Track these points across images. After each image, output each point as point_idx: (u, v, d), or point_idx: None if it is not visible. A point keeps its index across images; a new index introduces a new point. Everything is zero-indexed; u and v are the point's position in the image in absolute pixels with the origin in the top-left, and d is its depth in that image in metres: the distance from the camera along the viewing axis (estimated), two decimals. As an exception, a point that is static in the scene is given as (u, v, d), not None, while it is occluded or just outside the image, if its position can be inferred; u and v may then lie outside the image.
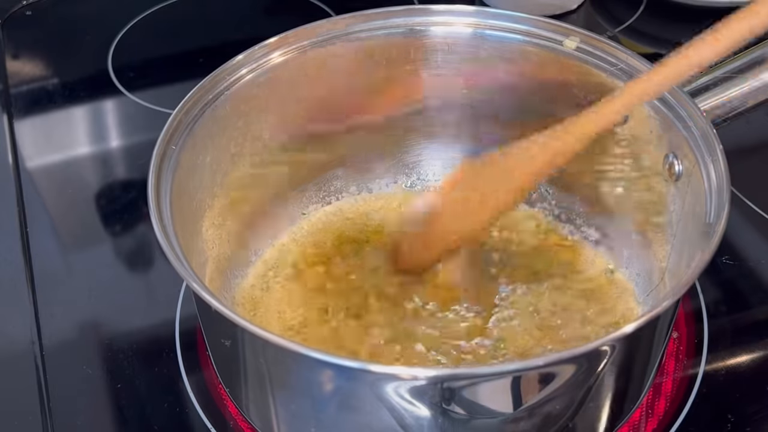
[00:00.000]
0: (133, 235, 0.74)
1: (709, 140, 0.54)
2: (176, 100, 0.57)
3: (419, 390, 0.46)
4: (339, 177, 0.70)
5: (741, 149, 0.79)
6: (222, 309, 0.46)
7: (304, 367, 0.48)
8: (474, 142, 0.70)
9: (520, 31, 0.64)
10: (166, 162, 0.55)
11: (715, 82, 0.58)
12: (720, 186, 0.52)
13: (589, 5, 0.98)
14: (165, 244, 0.49)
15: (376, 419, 0.48)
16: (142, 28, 0.98)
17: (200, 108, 0.58)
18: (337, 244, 0.67)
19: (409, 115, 0.69)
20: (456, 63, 0.66)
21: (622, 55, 0.60)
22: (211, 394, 0.60)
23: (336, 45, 0.64)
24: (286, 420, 0.53)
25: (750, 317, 0.66)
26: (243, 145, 0.63)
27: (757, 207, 0.73)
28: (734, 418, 0.58)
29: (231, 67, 0.60)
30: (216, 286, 0.61)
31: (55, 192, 0.79)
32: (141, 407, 0.60)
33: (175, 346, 0.64)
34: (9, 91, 0.90)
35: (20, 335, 0.65)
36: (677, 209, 0.58)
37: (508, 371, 0.46)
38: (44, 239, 0.73)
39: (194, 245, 0.57)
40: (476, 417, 0.48)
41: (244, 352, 0.51)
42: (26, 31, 0.99)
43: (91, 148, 0.85)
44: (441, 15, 0.65)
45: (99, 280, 0.69)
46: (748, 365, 0.62)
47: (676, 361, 0.62)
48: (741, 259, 0.69)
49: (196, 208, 0.58)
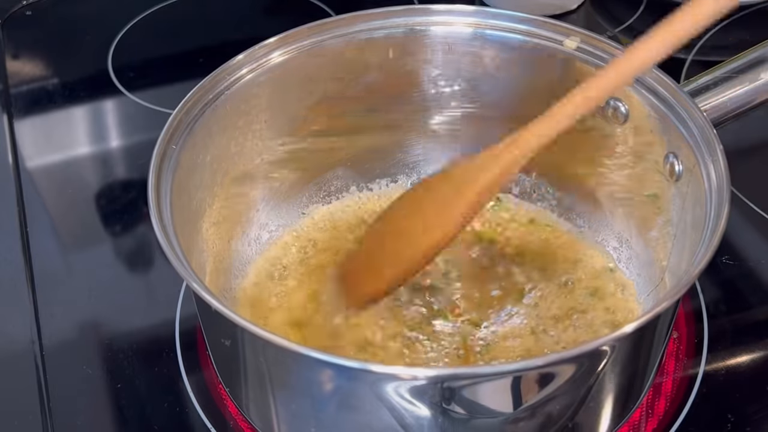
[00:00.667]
0: (133, 235, 0.74)
1: (709, 140, 0.54)
2: (176, 100, 0.57)
3: (419, 390, 0.46)
4: (339, 176, 0.70)
5: (741, 149, 0.79)
6: (222, 309, 0.46)
7: (304, 367, 0.48)
8: (474, 142, 0.70)
9: (521, 31, 0.64)
10: (167, 161, 0.55)
11: (715, 82, 0.58)
12: (720, 186, 0.52)
13: (589, 5, 0.98)
14: (165, 243, 0.49)
15: (376, 419, 0.48)
16: (142, 28, 0.98)
17: (200, 107, 0.58)
18: (338, 244, 0.67)
19: (410, 115, 0.69)
20: (456, 63, 0.66)
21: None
22: (211, 394, 0.60)
23: (336, 45, 0.64)
24: (286, 420, 0.53)
25: (750, 317, 0.66)
26: (243, 145, 0.63)
27: (757, 207, 0.73)
28: (734, 418, 0.58)
29: (231, 66, 0.60)
30: (216, 285, 0.61)
31: (55, 192, 0.79)
32: (141, 407, 0.60)
33: (175, 346, 0.64)
34: (9, 91, 0.90)
35: (20, 335, 0.65)
36: (677, 209, 0.58)
37: (508, 371, 0.46)
38: (44, 239, 0.73)
39: (194, 245, 0.57)
40: (476, 417, 0.48)
41: (244, 351, 0.51)
42: (26, 31, 0.99)
43: (91, 148, 0.85)
44: (441, 15, 0.65)
45: (99, 280, 0.69)
46: (748, 365, 0.62)
47: (676, 361, 0.62)
48: (741, 259, 0.69)
49: (196, 207, 0.58)
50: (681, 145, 0.56)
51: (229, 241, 0.63)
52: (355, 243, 0.67)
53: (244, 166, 0.64)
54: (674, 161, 0.57)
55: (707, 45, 0.88)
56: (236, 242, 0.64)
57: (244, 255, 0.65)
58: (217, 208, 0.61)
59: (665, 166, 0.58)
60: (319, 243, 0.67)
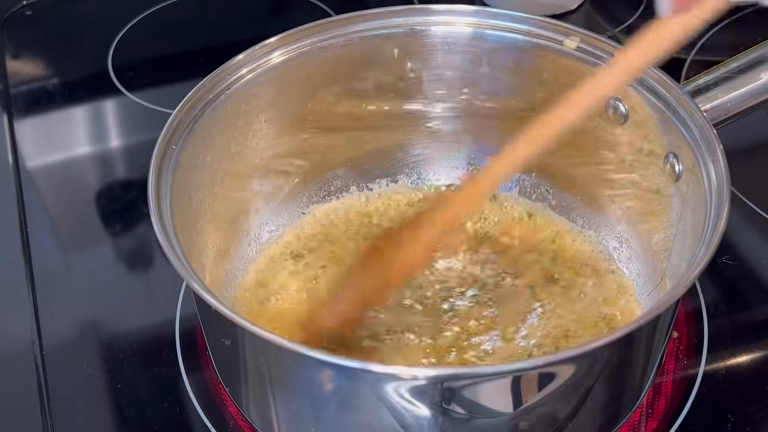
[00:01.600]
0: (133, 234, 0.74)
1: (709, 140, 0.54)
2: (176, 100, 0.57)
3: (419, 390, 0.46)
4: (339, 176, 0.70)
5: (741, 149, 0.79)
6: (222, 309, 0.46)
7: (304, 367, 0.48)
8: (474, 142, 0.70)
9: (521, 30, 0.64)
10: (167, 161, 0.55)
11: (715, 82, 0.58)
12: (720, 186, 0.52)
13: (589, 5, 0.98)
14: (165, 243, 0.49)
15: (376, 419, 0.48)
16: (142, 28, 0.98)
17: (201, 107, 0.58)
18: (337, 244, 0.67)
19: (410, 115, 0.69)
20: (456, 63, 0.66)
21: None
22: (211, 394, 0.60)
23: (336, 45, 0.64)
24: (286, 419, 0.53)
25: (750, 317, 0.66)
26: (243, 145, 0.63)
27: (757, 207, 0.73)
28: (734, 418, 0.58)
29: (231, 66, 0.60)
30: (216, 285, 0.61)
31: (55, 192, 0.79)
32: (141, 407, 0.60)
33: (175, 345, 0.64)
34: (9, 91, 0.90)
35: (20, 335, 0.65)
36: (677, 209, 0.58)
37: (508, 371, 0.46)
38: (44, 239, 0.73)
39: (194, 244, 0.57)
40: (476, 417, 0.48)
41: (244, 351, 0.51)
42: (26, 31, 0.99)
43: (91, 148, 0.85)
44: (441, 15, 0.65)
45: (99, 280, 0.69)
46: (748, 365, 0.62)
47: (676, 361, 0.62)
48: (741, 259, 0.69)
49: (196, 207, 0.58)
50: (681, 145, 0.56)
51: (230, 240, 0.63)
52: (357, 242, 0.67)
53: (245, 166, 0.64)
54: (674, 161, 0.57)
55: (707, 45, 0.88)
56: (236, 242, 0.64)
57: (245, 255, 0.65)
58: (218, 208, 0.61)
59: (665, 166, 0.58)
60: (319, 243, 0.67)
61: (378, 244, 0.60)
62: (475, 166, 0.70)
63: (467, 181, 0.57)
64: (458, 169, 0.71)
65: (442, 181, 0.71)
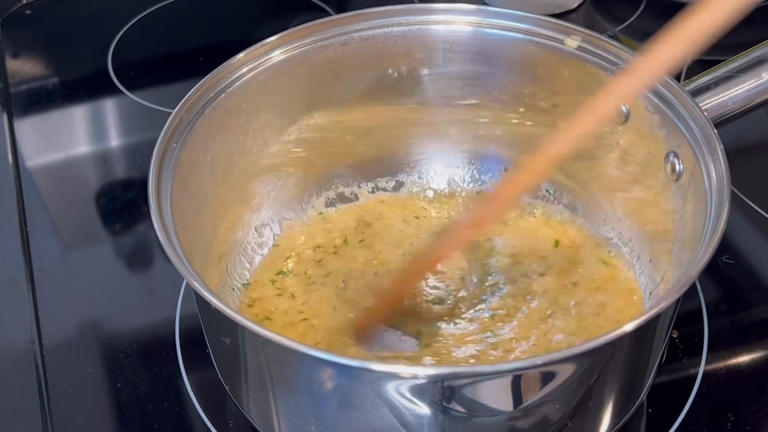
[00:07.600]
0: (133, 234, 0.74)
1: (710, 140, 0.54)
2: (176, 99, 0.57)
3: (420, 388, 0.46)
4: (340, 176, 0.70)
5: (741, 149, 0.79)
6: (222, 307, 0.46)
7: (304, 366, 0.48)
8: (475, 141, 0.70)
9: (521, 30, 0.64)
10: (167, 160, 0.55)
11: (715, 81, 0.58)
12: (720, 185, 0.52)
13: (590, 4, 0.98)
14: (165, 242, 0.49)
15: (376, 417, 0.48)
16: (142, 27, 0.98)
17: (201, 106, 0.58)
18: (337, 243, 0.67)
19: (410, 114, 0.69)
20: (457, 62, 0.66)
21: (623, 54, 0.60)
22: (212, 393, 0.60)
23: (336, 44, 0.64)
24: (286, 418, 0.53)
25: (750, 317, 0.66)
26: (244, 144, 0.63)
27: (757, 207, 0.73)
28: (734, 417, 0.58)
29: (232, 65, 0.60)
30: (216, 284, 0.61)
31: (55, 192, 0.79)
32: (141, 406, 0.60)
33: (175, 345, 0.64)
34: (9, 91, 0.90)
35: (20, 335, 0.65)
36: (678, 208, 0.58)
37: (508, 370, 0.46)
38: (44, 239, 0.73)
39: (195, 244, 0.57)
40: (476, 415, 0.48)
41: (244, 350, 0.51)
42: (26, 30, 0.99)
43: (91, 147, 0.85)
44: (442, 14, 0.65)
45: (99, 280, 0.69)
46: (748, 365, 0.62)
47: (676, 361, 0.62)
48: (741, 259, 0.69)
49: (197, 206, 0.58)
50: (681, 145, 0.56)
51: (230, 239, 0.63)
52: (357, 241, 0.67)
53: (245, 165, 0.64)
54: (675, 160, 0.57)
55: (707, 44, 0.88)
56: (237, 241, 0.64)
57: (245, 254, 0.65)
58: (218, 207, 0.61)
59: (666, 165, 0.58)
60: (319, 242, 0.67)
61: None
62: (506, 170, 0.70)
63: (494, 195, 0.57)
64: (459, 168, 0.71)
65: (442, 182, 0.71)
